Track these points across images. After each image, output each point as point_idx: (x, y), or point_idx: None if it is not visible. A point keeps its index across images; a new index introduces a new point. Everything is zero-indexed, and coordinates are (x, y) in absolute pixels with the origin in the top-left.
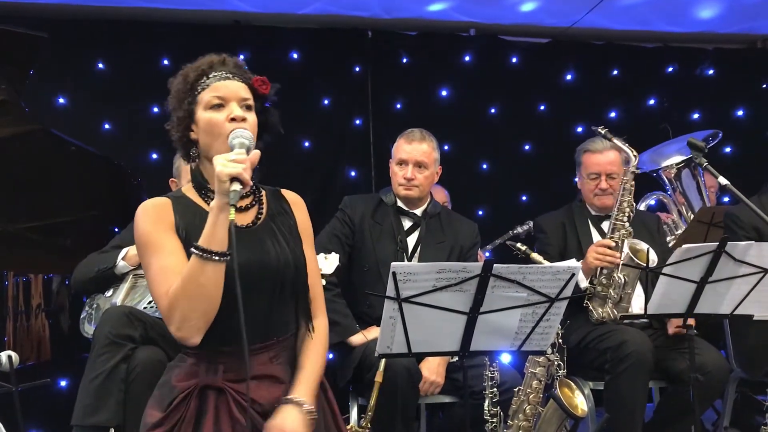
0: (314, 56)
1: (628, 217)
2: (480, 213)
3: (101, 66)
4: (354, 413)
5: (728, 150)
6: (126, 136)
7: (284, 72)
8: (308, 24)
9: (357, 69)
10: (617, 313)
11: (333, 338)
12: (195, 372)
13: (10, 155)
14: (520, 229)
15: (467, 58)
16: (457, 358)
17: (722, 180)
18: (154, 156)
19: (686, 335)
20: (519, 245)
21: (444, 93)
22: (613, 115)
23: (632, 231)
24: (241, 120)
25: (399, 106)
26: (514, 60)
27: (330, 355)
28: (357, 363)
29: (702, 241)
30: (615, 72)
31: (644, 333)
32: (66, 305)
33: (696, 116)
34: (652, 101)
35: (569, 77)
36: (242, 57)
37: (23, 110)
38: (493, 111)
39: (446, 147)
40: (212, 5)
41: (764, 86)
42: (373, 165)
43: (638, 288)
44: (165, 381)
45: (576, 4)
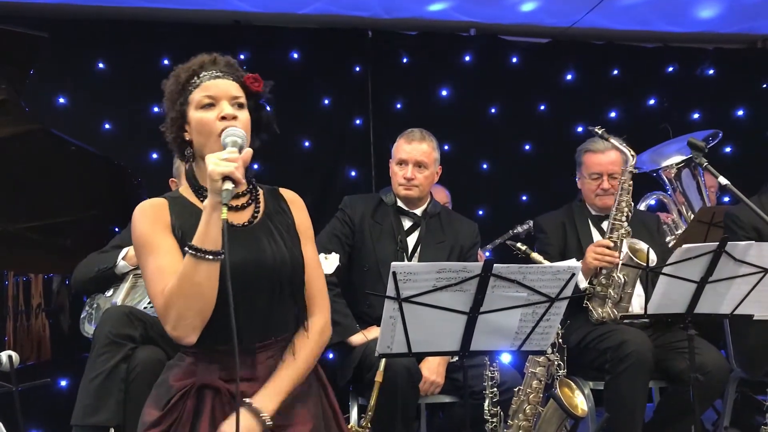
0: (314, 56)
1: (627, 217)
2: (480, 213)
3: (101, 66)
4: (354, 413)
5: (728, 150)
6: (126, 136)
7: (284, 72)
8: (308, 24)
9: (357, 69)
10: (617, 313)
11: (333, 338)
12: (192, 371)
13: (10, 155)
14: (520, 229)
15: (467, 58)
16: (457, 358)
17: (722, 180)
18: (154, 156)
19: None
20: (519, 245)
21: (444, 93)
22: (613, 115)
23: (631, 231)
24: (232, 118)
25: (399, 106)
26: (514, 60)
27: (330, 355)
28: (357, 363)
29: (702, 241)
30: (615, 72)
31: (644, 333)
32: (66, 305)
33: (696, 116)
34: (652, 101)
35: (569, 77)
36: (242, 57)
37: (23, 110)
38: (493, 111)
39: (446, 147)
40: (212, 5)
41: (764, 86)
42: (373, 165)
43: (638, 288)
44: (163, 380)
45: (576, 4)
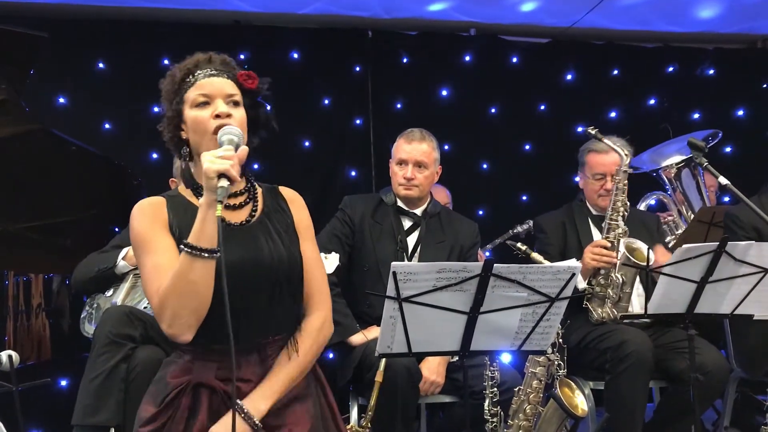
0: (314, 56)
1: (623, 217)
2: (480, 213)
3: (101, 66)
4: (354, 413)
5: (728, 150)
6: (126, 136)
7: (284, 72)
8: (308, 24)
9: (357, 69)
10: (617, 313)
11: (333, 338)
12: (189, 369)
13: (10, 155)
14: (520, 229)
15: (467, 58)
16: (458, 358)
17: (722, 180)
18: (154, 156)
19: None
20: (519, 245)
21: (444, 93)
22: (613, 115)
23: (627, 230)
24: (226, 116)
25: (399, 106)
26: (514, 60)
27: (330, 355)
28: (357, 363)
29: (702, 241)
30: (615, 72)
31: (644, 333)
32: (66, 305)
33: (696, 116)
34: (652, 101)
35: (569, 77)
36: (242, 57)
37: (23, 110)
38: (493, 111)
39: (446, 147)
40: (212, 5)
41: (764, 86)
42: (373, 165)
43: (639, 288)
44: (160, 377)
45: (576, 4)
